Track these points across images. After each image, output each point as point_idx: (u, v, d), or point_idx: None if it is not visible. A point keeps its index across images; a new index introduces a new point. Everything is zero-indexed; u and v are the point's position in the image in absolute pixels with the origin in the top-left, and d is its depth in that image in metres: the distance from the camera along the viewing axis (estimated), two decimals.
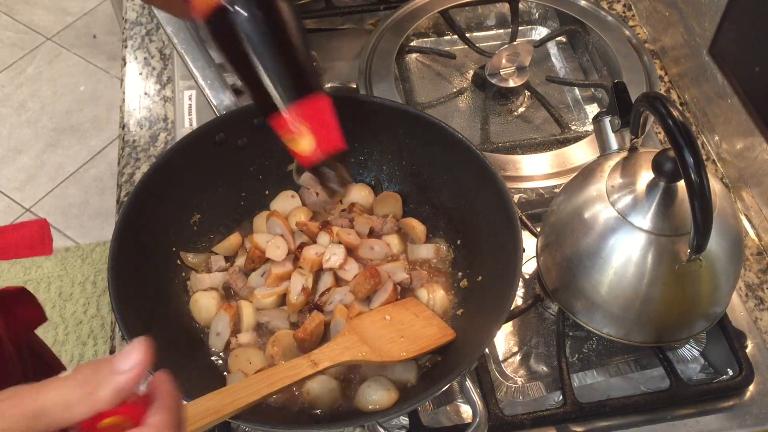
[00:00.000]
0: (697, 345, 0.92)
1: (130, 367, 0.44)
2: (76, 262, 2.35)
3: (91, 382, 0.43)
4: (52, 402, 0.42)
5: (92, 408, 0.43)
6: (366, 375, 0.82)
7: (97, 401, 0.43)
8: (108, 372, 0.44)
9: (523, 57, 1.19)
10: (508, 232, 0.81)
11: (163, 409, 0.45)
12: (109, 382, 0.43)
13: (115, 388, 0.43)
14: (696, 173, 0.67)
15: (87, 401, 0.43)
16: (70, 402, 0.43)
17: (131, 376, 0.44)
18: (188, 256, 0.91)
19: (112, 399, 0.43)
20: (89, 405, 0.43)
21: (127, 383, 0.43)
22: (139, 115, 1.15)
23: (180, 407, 0.46)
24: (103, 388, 0.43)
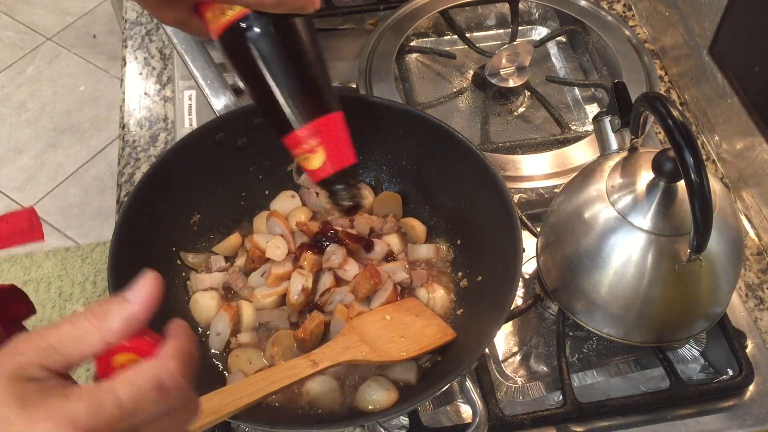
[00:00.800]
0: (697, 345, 0.92)
1: (140, 297, 0.44)
2: (76, 262, 2.35)
3: (101, 315, 0.43)
4: (64, 336, 0.43)
5: (103, 339, 0.43)
6: (366, 375, 0.82)
7: (108, 332, 0.43)
8: (118, 304, 0.44)
9: (523, 57, 1.19)
10: (508, 232, 0.81)
11: (175, 343, 0.44)
12: (119, 312, 0.44)
13: (125, 318, 0.44)
14: (696, 173, 0.67)
15: (98, 333, 0.43)
16: (82, 334, 0.43)
17: (141, 307, 0.44)
18: (188, 256, 0.91)
19: (122, 329, 0.44)
20: (100, 336, 0.43)
21: (138, 313, 0.44)
22: (139, 115, 1.15)
23: (194, 345, 0.46)
24: (113, 318, 0.43)
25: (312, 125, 0.68)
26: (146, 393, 0.42)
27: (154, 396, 0.42)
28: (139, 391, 0.42)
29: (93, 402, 0.40)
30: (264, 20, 0.66)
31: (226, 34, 0.68)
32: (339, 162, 0.70)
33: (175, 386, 0.43)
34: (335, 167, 0.70)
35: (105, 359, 0.44)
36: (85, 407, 0.40)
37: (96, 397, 0.41)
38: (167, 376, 0.43)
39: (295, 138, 0.69)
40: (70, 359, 0.43)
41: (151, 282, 0.45)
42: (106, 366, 0.44)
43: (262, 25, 0.67)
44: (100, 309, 0.44)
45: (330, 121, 0.70)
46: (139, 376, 0.42)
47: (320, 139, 0.69)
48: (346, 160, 0.71)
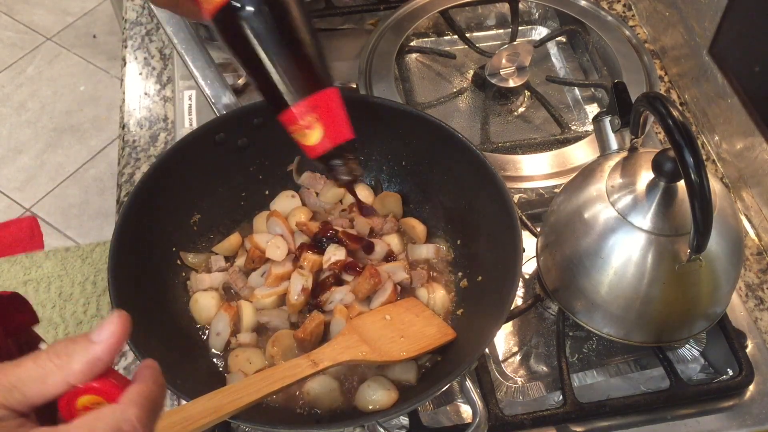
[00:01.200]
0: (697, 345, 0.92)
1: (104, 338, 0.43)
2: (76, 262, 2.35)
3: (64, 355, 0.42)
4: (27, 375, 0.42)
5: (65, 380, 0.42)
6: (366, 375, 0.82)
7: (71, 373, 0.42)
8: (82, 343, 0.43)
9: (523, 57, 1.19)
10: (508, 232, 0.81)
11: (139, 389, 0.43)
12: (83, 353, 0.42)
13: (88, 359, 0.42)
14: (696, 173, 0.67)
15: (60, 374, 0.42)
16: (44, 375, 0.42)
17: (105, 347, 0.43)
18: (188, 256, 0.91)
19: (85, 371, 0.42)
20: (62, 377, 0.42)
21: (102, 354, 0.43)
22: (139, 115, 1.15)
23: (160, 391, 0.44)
24: (77, 358, 0.42)
25: (308, 101, 0.69)
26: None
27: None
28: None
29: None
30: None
31: (219, 15, 0.69)
32: (336, 137, 0.70)
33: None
34: (333, 142, 0.70)
35: (68, 400, 0.43)
36: None
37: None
38: (126, 425, 0.41)
39: (291, 114, 0.69)
40: (31, 399, 0.42)
41: (117, 322, 0.44)
42: (69, 407, 0.43)
43: (256, 3, 0.67)
44: (64, 349, 0.43)
45: (326, 97, 0.70)
46: (98, 422, 0.41)
47: (317, 115, 0.69)
48: (344, 135, 0.71)
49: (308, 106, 0.69)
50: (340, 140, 0.70)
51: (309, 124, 0.69)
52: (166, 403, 0.85)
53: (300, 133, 0.70)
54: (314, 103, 0.69)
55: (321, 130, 0.69)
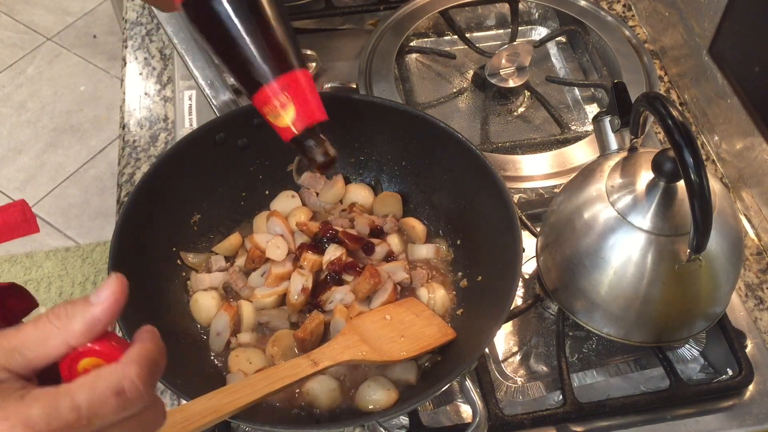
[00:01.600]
0: (697, 345, 0.92)
1: (103, 299, 0.43)
2: (76, 262, 2.35)
3: (63, 317, 0.43)
4: (27, 338, 0.42)
5: (65, 341, 0.43)
6: (366, 375, 0.82)
7: (70, 333, 0.43)
8: (81, 305, 0.43)
9: (523, 57, 1.19)
10: (508, 232, 0.81)
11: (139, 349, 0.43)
12: (82, 314, 0.43)
13: (87, 319, 0.43)
14: (696, 173, 0.67)
15: (60, 335, 0.42)
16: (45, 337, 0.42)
17: (104, 307, 0.43)
18: (188, 256, 0.91)
19: (85, 332, 0.43)
20: (63, 339, 0.42)
21: (101, 314, 0.43)
22: (139, 115, 1.15)
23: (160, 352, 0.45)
24: (76, 320, 0.43)
25: (280, 80, 0.70)
26: (104, 399, 0.41)
27: (113, 402, 0.41)
28: (97, 396, 0.41)
29: (49, 405, 0.40)
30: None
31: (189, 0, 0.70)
32: (309, 117, 0.71)
33: (135, 393, 0.42)
34: (306, 122, 0.70)
35: (69, 363, 0.44)
36: (41, 410, 0.39)
37: (53, 400, 0.40)
38: (127, 382, 0.42)
39: (264, 94, 0.70)
40: (32, 362, 0.42)
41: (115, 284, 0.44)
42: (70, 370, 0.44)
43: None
44: (63, 311, 0.43)
45: (297, 77, 0.70)
46: (98, 380, 0.41)
47: (289, 94, 0.70)
48: (317, 116, 0.71)
49: (280, 86, 0.70)
50: (313, 120, 0.71)
51: (282, 103, 0.70)
52: (166, 403, 0.85)
53: (273, 114, 0.71)
54: (286, 83, 0.70)
55: (294, 110, 0.70)
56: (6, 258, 2.36)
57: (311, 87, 0.72)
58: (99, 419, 0.41)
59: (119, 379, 0.41)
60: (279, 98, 0.70)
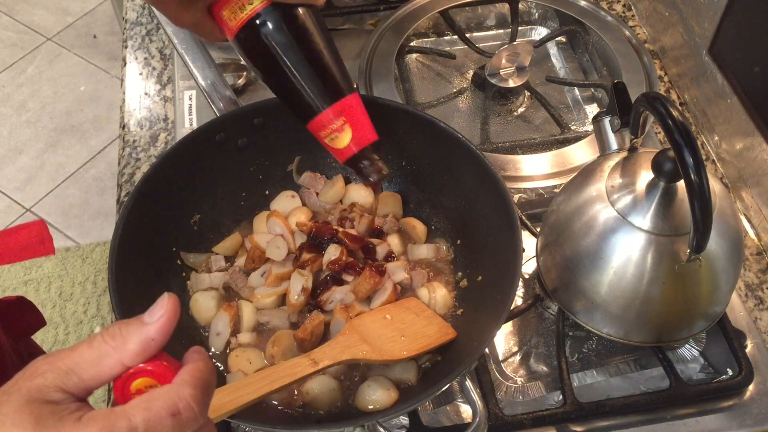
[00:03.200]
0: (697, 345, 0.92)
1: (156, 318, 0.44)
2: (76, 262, 2.35)
3: (118, 336, 0.43)
4: (83, 358, 0.42)
5: (120, 361, 0.43)
6: (366, 375, 0.82)
7: (125, 353, 0.43)
8: (135, 326, 0.44)
9: (523, 57, 1.19)
10: (508, 232, 0.81)
11: (192, 370, 0.44)
12: (136, 334, 0.43)
13: (142, 339, 0.43)
14: (696, 173, 0.67)
15: (115, 355, 0.43)
16: (100, 356, 0.43)
17: (158, 327, 0.44)
18: (188, 256, 0.91)
19: (140, 352, 0.43)
20: (117, 358, 0.43)
21: (155, 333, 0.43)
22: (140, 115, 1.15)
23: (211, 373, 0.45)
24: (131, 339, 0.43)
25: (336, 106, 0.73)
26: (160, 419, 0.41)
27: (169, 423, 0.41)
28: (154, 417, 0.41)
29: (106, 426, 0.40)
30: (277, 14, 0.71)
31: (241, 33, 0.72)
32: (364, 139, 0.75)
33: (190, 414, 0.42)
34: (361, 144, 0.74)
35: (122, 385, 0.44)
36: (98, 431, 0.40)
37: (109, 421, 0.40)
38: (182, 403, 0.42)
39: (320, 121, 0.74)
40: (87, 382, 0.42)
41: (169, 304, 0.45)
42: (123, 391, 0.44)
43: (276, 19, 0.71)
44: (118, 331, 0.43)
45: (350, 102, 0.74)
46: (154, 402, 0.42)
47: (345, 118, 0.73)
48: (370, 137, 0.76)
49: (336, 112, 0.73)
50: (367, 142, 0.75)
51: (339, 128, 0.73)
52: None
53: (330, 138, 0.74)
54: (341, 108, 0.73)
55: (349, 133, 0.74)
56: None
57: (363, 110, 0.75)
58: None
59: (175, 400, 0.42)
60: (335, 123, 0.73)
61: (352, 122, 0.74)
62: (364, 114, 0.75)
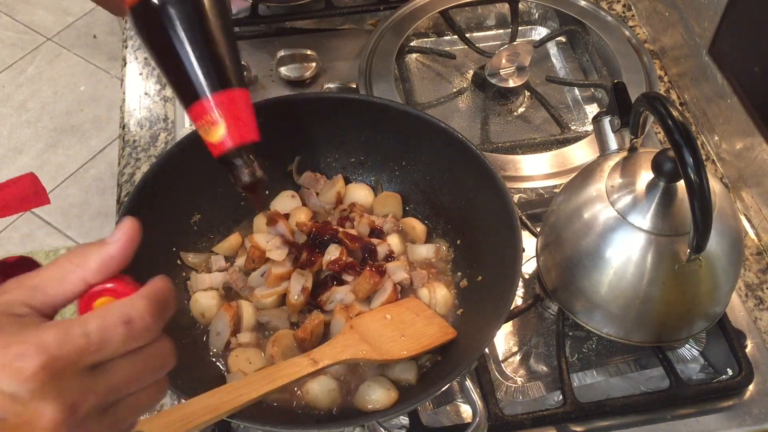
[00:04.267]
0: (697, 345, 0.92)
1: (117, 238, 0.47)
2: None
3: (81, 255, 0.46)
4: (48, 276, 0.45)
5: (83, 278, 0.45)
6: (366, 375, 0.82)
7: (87, 270, 0.45)
8: (97, 244, 0.46)
9: (523, 57, 1.19)
10: (508, 232, 0.81)
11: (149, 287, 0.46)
12: (98, 251, 0.46)
13: (103, 257, 0.46)
14: (696, 173, 0.67)
15: (78, 271, 0.45)
16: (64, 274, 0.45)
17: (118, 246, 0.46)
18: (188, 256, 0.91)
19: (101, 268, 0.46)
20: (80, 275, 0.45)
21: (115, 251, 0.46)
22: (140, 115, 1.15)
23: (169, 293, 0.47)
24: (93, 257, 0.46)
25: (215, 96, 0.70)
26: (113, 327, 0.43)
27: (121, 330, 0.43)
28: (107, 324, 0.43)
29: (62, 331, 0.42)
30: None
31: (138, 5, 0.71)
32: (239, 137, 0.71)
33: (142, 324, 0.44)
34: (235, 142, 0.71)
35: (86, 302, 0.46)
36: (54, 335, 0.42)
37: (65, 327, 0.42)
38: (135, 312, 0.44)
39: (198, 108, 0.70)
40: (52, 298, 0.45)
41: (128, 225, 0.47)
42: (86, 308, 0.46)
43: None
44: (81, 251, 0.46)
45: (234, 96, 0.71)
46: (109, 311, 0.44)
47: (222, 112, 0.70)
48: (248, 136, 0.71)
49: (215, 102, 0.70)
50: (243, 140, 0.71)
51: (214, 120, 0.70)
52: (166, 403, 0.85)
53: (204, 129, 0.71)
54: (221, 100, 0.70)
55: (225, 128, 0.70)
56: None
57: (247, 107, 0.72)
58: (108, 346, 0.43)
59: (128, 310, 0.44)
60: (211, 114, 0.70)
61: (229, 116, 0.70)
62: (248, 112, 0.72)
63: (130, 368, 0.45)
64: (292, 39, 1.24)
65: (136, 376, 0.45)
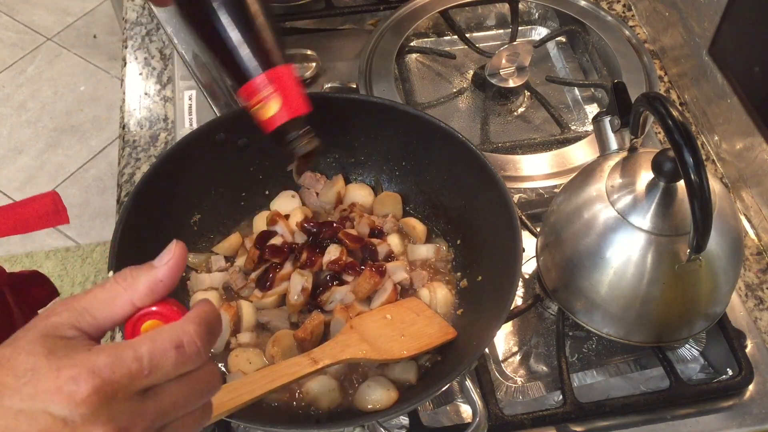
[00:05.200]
0: (697, 345, 0.92)
1: (164, 262, 0.47)
2: (76, 262, 2.35)
3: (129, 278, 0.46)
4: (96, 299, 0.45)
5: (131, 301, 0.46)
6: (366, 375, 0.82)
7: (135, 294, 0.46)
8: (145, 268, 0.46)
9: (523, 57, 1.19)
10: (508, 232, 0.81)
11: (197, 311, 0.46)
12: (146, 274, 0.46)
13: (151, 280, 0.46)
14: (696, 173, 0.67)
15: (126, 295, 0.45)
16: (112, 297, 0.45)
17: (166, 270, 0.46)
18: (188, 256, 0.91)
19: (149, 292, 0.46)
20: (128, 298, 0.45)
21: (163, 275, 0.46)
22: (140, 115, 1.15)
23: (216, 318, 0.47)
24: (141, 280, 0.46)
25: (266, 74, 0.73)
26: (164, 351, 0.43)
27: (172, 355, 0.44)
28: (157, 348, 0.43)
29: (114, 355, 0.42)
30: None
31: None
32: (293, 110, 0.74)
33: (193, 348, 0.44)
34: (290, 114, 0.74)
35: (132, 326, 0.46)
36: (106, 359, 0.42)
37: (117, 351, 0.43)
38: (186, 337, 0.44)
39: (250, 87, 0.74)
40: (100, 321, 0.45)
41: (176, 249, 0.47)
42: (133, 331, 0.46)
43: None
44: (129, 273, 0.46)
45: (282, 71, 0.74)
46: (159, 335, 0.44)
47: (274, 88, 0.73)
48: (300, 108, 0.75)
49: (266, 80, 0.73)
50: (297, 112, 0.74)
51: (267, 97, 0.73)
52: None
53: (258, 107, 0.74)
54: (272, 77, 0.73)
55: (278, 102, 0.73)
56: (6, 258, 2.36)
57: (295, 81, 0.75)
58: (159, 371, 0.43)
59: (179, 334, 0.44)
60: (264, 91, 0.73)
61: (281, 92, 0.73)
62: (297, 85, 0.75)
63: (178, 393, 0.45)
64: (292, 39, 1.24)
65: (184, 400, 0.45)
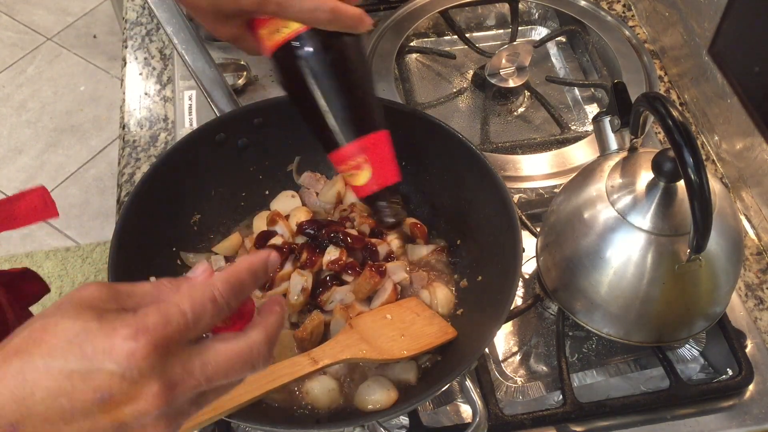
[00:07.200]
0: (697, 345, 0.92)
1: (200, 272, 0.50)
2: (76, 262, 2.35)
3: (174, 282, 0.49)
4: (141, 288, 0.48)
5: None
6: (366, 375, 0.82)
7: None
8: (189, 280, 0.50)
9: (523, 57, 1.19)
10: (508, 232, 0.81)
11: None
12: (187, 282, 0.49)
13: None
14: (696, 173, 0.67)
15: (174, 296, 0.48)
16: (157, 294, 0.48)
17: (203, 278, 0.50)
18: (188, 256, 0.91)
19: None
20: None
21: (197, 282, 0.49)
22: (140, 115, 1.15)
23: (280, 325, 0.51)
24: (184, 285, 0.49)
25: (359, 142, 0.70)
26: (203, 304, 0.47)
27: (210, 307, 0.47)
28: (197, 303, 0.47)
29: (162, 313, 0.45)
30: (316, 39, 0.69)
31: (278, 52, 0.70)
32: (383, 179, 0.72)
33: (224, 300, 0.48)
34: (380, 184, 0.72)
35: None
36: (156, 317, 0.44)
37: (164, 309, 0.45)
38: (216, 291, 0.48)
39: (342, 154, 0.71)
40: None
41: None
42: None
43: (315, 44, 0.69)
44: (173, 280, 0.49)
45: (377, 139, 0.71)
46: (195, 291, 0.47)
47: (367, 156, 0.71)
48: (391, 178, 0.73)
49: (359, 148, 0.71)
50: (386, 183, 0.72)
51: (358, 165, 0.71)
52: None
53: (349, 173, 0.72)
54: (365, 145, 0.71)
55: (369, 171, 0.71)
56: (6, 258, 2.36)
57: (388, 149, 0.72)
58: (201, 323, 0.47)
59: (210, 289, 0.48)
60: (355, 160, 0.71)
61: (373, 161, 0.71)
62: (390, 153, 0.73)
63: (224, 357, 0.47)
64: None
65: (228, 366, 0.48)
